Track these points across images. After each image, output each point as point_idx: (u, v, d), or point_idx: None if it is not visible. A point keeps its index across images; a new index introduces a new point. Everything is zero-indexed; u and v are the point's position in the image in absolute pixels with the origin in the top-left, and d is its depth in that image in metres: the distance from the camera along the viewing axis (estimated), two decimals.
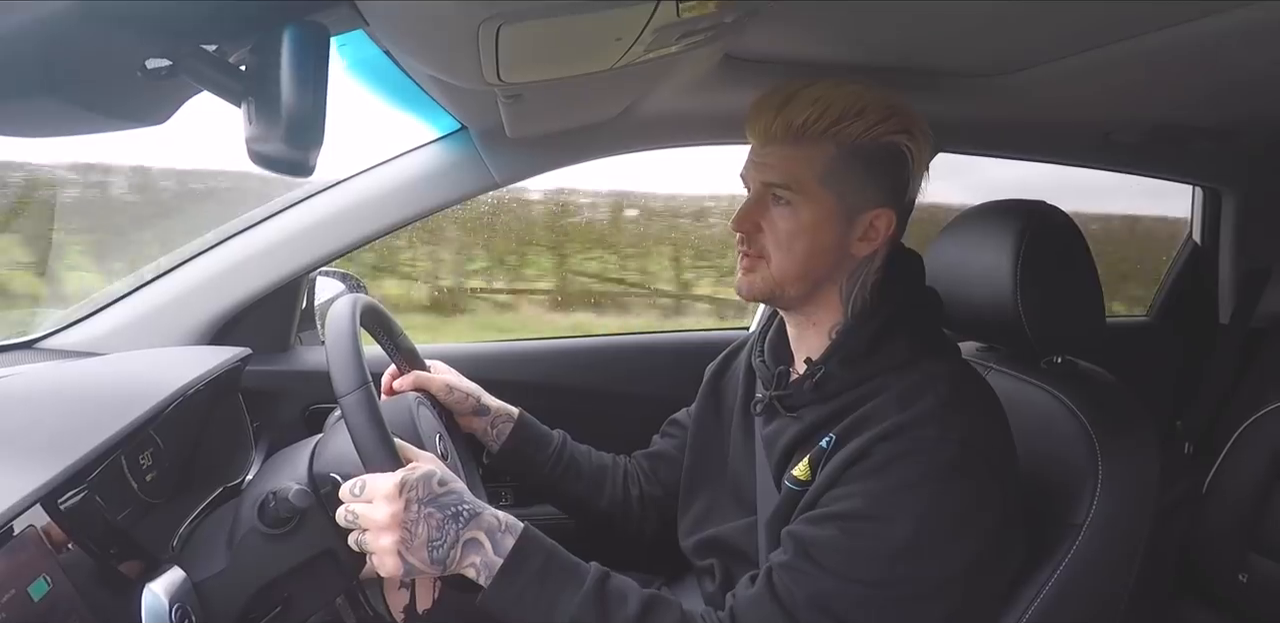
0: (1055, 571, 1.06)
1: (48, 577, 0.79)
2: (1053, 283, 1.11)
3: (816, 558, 0.92)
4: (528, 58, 0.88)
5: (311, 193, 1.53)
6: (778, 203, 1.02)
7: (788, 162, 1.01)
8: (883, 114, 0.99)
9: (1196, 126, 1.64)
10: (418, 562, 0.91)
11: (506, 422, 1.30)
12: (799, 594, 0.92)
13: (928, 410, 0.94)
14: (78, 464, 0.84)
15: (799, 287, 1.04)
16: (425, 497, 0.92)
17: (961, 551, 0.91)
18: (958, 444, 0.92)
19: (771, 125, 1.01)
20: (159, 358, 1.29)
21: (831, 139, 0.99)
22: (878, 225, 1.02)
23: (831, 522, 0.94)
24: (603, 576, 0.96)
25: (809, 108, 0.98)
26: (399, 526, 0.89)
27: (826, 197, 1.00)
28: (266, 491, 0.99)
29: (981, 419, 0.98)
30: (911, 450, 0.92)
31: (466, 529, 0.93)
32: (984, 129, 1.74)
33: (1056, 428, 1.12)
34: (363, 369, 0.93)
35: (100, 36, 0.53)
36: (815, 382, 1.03)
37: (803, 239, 1.01)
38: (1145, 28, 1.02)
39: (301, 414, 1.58)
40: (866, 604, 0.90)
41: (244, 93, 0.59)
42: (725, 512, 1.19)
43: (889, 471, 0.92)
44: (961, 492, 0.92)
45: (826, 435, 1.00)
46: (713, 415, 1.27)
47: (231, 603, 0.98)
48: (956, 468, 0.91)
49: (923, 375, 0.99)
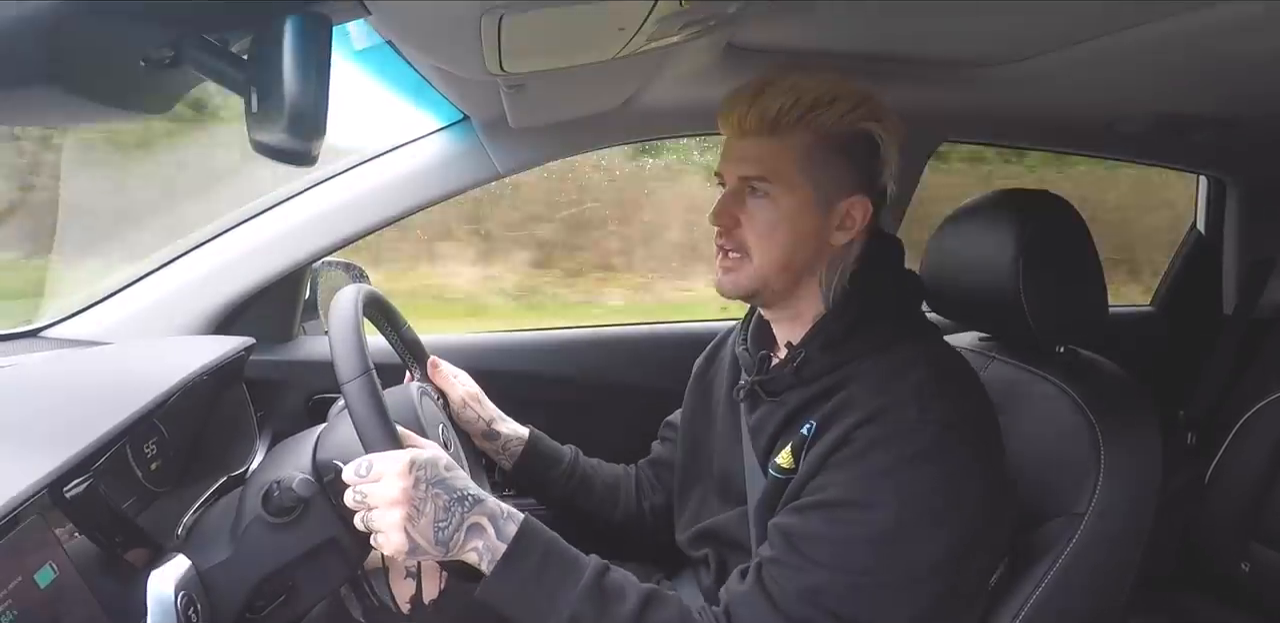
0: (1057, 560, 1.06)
1: (54, 565, 0.80)
2: (1055, 273, 1.11)
3: (803, 550, 0.93)
4: (530, 47, 0.88)
5: (313, 183, 1.53)
6: (755, 195, 1.03)
7: (764, 153, 1.02)
8: (855, 102, 1.00)
9: (1200, 116, 1.63)
10: (423, 540, 0.91)
11: (518, 445, 1.31)
12: (789, 588, 0.92)
13: (907, 393, 0.94)
14: (83, 453, 0.85)
15: (782, 279, 1.04)
16: (433, 477, 0.92)
17: (947, 533, 0.91)
18: (938, 425, 0.92)
19: (745, 117, 1.02)
20: (163, 347, 1.29)
21: (806, 127, 1.00)
22: (854, 214, 1.03)
23: (816, 511, 0.94)
24: (602, 569, 0.96)
25: (782, 97, 0.99)
26: (408, 501, 0.90)
27: (803, 186, 1.01)
28: (270, 480, 1.00)
29: (962, 400, 0.98)
30: (891, 434, 0.92)
31: (471, 513, 0.93)
32: (986, 118, 1.73)
33: (1059, 417, 1.12)
34: (365, 356, 0.94)
35: (102, 26, 0.53)
36: (795, 366, 1.03)
37: (783, 229, 1.02)
38: (1148, 17, 1.02)
39: (305, 404, 1.59)
40: (855, 593, 0.91)
41: (246, 82, 0.59)
42: (716, 503, 1.19)
43: (869, 455, 0.92)
44: (944, 474, 0.92)
45: (808, 422, 1.00)
46: (702, 410, 1.28)
47: (236, 591, 0.99)
48: (938, 450, 0.92)
49: (902, 358, 0.99)
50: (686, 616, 0.95)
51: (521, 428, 1.33)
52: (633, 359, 1.80)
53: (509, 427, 1.31)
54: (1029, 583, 1.06)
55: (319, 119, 0.57)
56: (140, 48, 0.57)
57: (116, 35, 0.55)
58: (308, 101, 0.56)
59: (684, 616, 0.95)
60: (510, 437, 1.31)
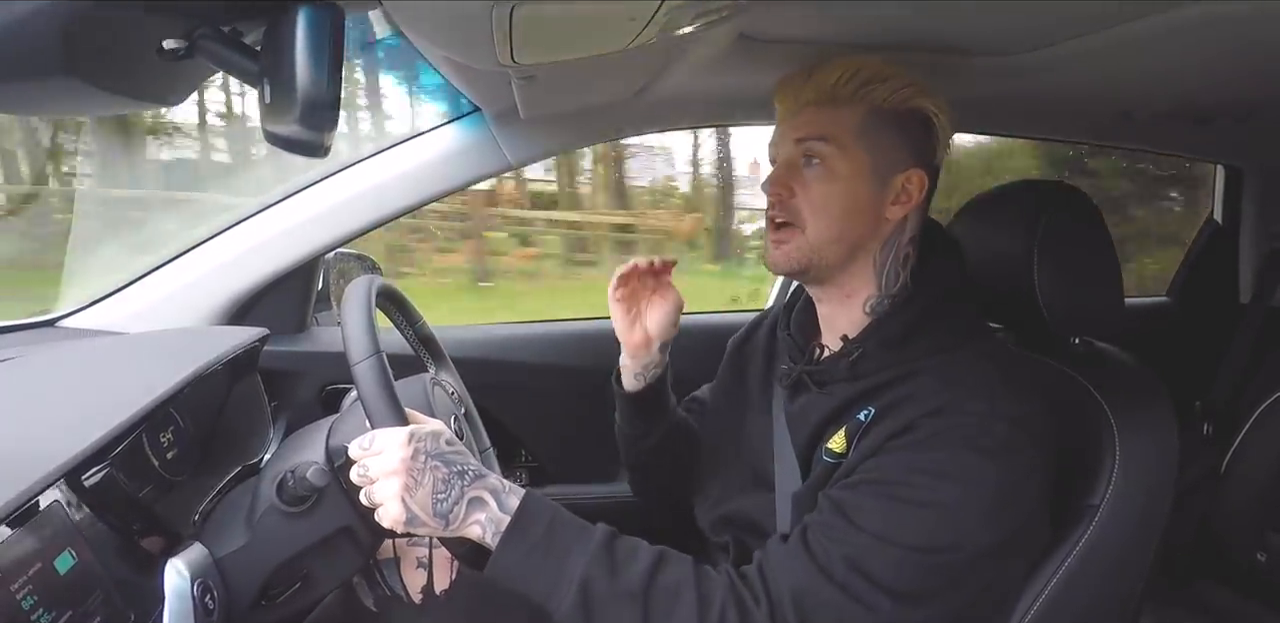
0: (1072, 550, 1.06)
1: (73, 551, 0.81)
2: (1070, 264, 1.11)
3: (854, 519, 0.91)
4: (541, 39, 0.88)
5: (325, 174, 1.53)
6: (810, 165, 1.02)
7: (822, 119, 1.03)
8: (908, 81, 1.02)
9: (1218, 104, 1.62)
10: (420, 511, 0.90)
11: (658, 370, 1.24)
12: (835, 553, 0.90)
13: (976, 389, 0.94)
14: (100, 442, 0.86)
15: (836, 252, 1.03)
16: (433, 450, 0.92)
17: (1000, 526, 0.91)
18: (1006, 422, 0.91)
19: (804, 89, 1.03)
20: (179, 337, 1.30)
21: (862, 100, 1.01)
22: (910, 188, 1.03)
23: (870, 486, 0.93)
24: (611, 533, 0.95)
25: (839, 70, 1.02)
26: (405, 471, 0.89)
27: (860, 154, 1.01)
28: (284, 469, 1.00)
29: (1031, 400, 0.97)
30: (959, 425, 0.91)
31: (471, 488, 0.92)
32: (1001, 108, 1.72)
33: (1074, 409, 1.11)
34: (375, 339, 0.93)
35: (117, 17, 0.53)
36: (852, 361, 1.02)
37: (838, 198, 1.01)
38: (1164, 6, 1.01)
39: (318, 394, 1.60)
40: (903, 566, 0.89)
41: (259, 73, 0.59)
42: (744, 486, 1.18)
43: (933, 443, 0.91)
44: (1007, 467, 0.91)
45: (865, 408, 0.99)
46: (734, 390, 1.25)
47: (251, 579, 1.00)
48: (1003, 444, 0.91)
49: (969, 356, 0.99)
50: (701, 573, 0.93)
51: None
52: None
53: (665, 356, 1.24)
54: (1045, 573, 1.06)
55: (331, 110, 0.58)
56: (155, 39, 0.58)
57: (132, 27, 0.56)
58: (320, 92, 0.56)
59: (699, 573, 0.93)
60: (663, 361, 1.24)
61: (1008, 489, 0.91)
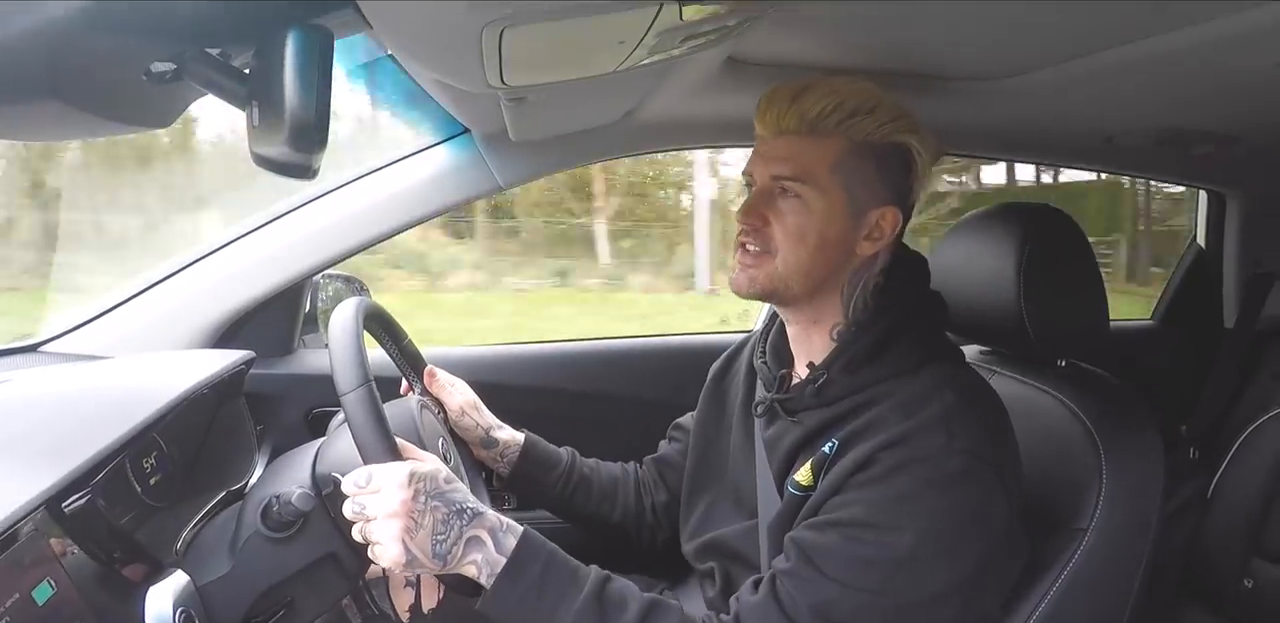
0: (1059, 576, 1.05)
1: (51, 581, 0.79)
2: (1056, 286, 1.11)
3: (819, 565, 0.92)
4: (531, 61, 0.88)
5: (314, 196, 1.53)
6: (785, 196, 1.02)
7: (799, 153, 1.01)
8: (893, 114, 1.00)
9: (1200, 130, 1.63)
10: (420, 553, 0.90)
11: (515, 450, 1.29)
12: (801, 602, 0.91)
13: (933, 419, 0.93)
14: (81, 468, 0.84)
15: (803, 284, 1.02)
16: (432, 490, 0.92)
17: (964, 561, 0.91)
18: (963, 453, 0.91)
19: (785, 116, 1.01)
20: (163, 361, 1.29)
21: (844, 133, 0.99)
22: (883, 225, 1.02)
23: (834, 529, 0.93)
24: (603, 580, 0.96)
25: (823, 100, 0.99)
26: (407, 513, 0.89)
27: (836, 190, 1.00)
28: (270, 494, 0.99)
29: (987, 428, 0.97)
30: (916, 459, 0.91)
31: (470, 527, 0.93)
32: (986, 132, 1.74)
33: (1060, 432, 1.11)
34: (365, 368, 0.93)
35: (104, 40, 0.53)
36: (817, 387, 1.02)
37: (812, 233, 1.01)
38: (1148, 32, 1.02)
39: (304, 418, 1.58)
40: (869, 612, 0.90)
41: (248, 96, 0.59)
42: (726, 515, 1.18)
43: (893, 479, 0.91)
44: (966, 501, 0.91)
45: (829, 441, 0.99)
46: (715, 417, 1.26)
47: (235, 607, 0.98)
48: (962, 477, 0.91)
49: (927, 383, 0.98)
50: None
51: (518, 433, 1.31)
52: (633, 372, 1.79)
53: (506, 433, 1.30)
54: (1031, 598, 1.06)
55: (320, 132, 0.58)
56: (142, 62, 0.57)
57: (119, 50, 0.56)
58: (308, 115, 0.56)
59: None
60: (508, 443, 1.29)
61: (969, 522, 0.92)
